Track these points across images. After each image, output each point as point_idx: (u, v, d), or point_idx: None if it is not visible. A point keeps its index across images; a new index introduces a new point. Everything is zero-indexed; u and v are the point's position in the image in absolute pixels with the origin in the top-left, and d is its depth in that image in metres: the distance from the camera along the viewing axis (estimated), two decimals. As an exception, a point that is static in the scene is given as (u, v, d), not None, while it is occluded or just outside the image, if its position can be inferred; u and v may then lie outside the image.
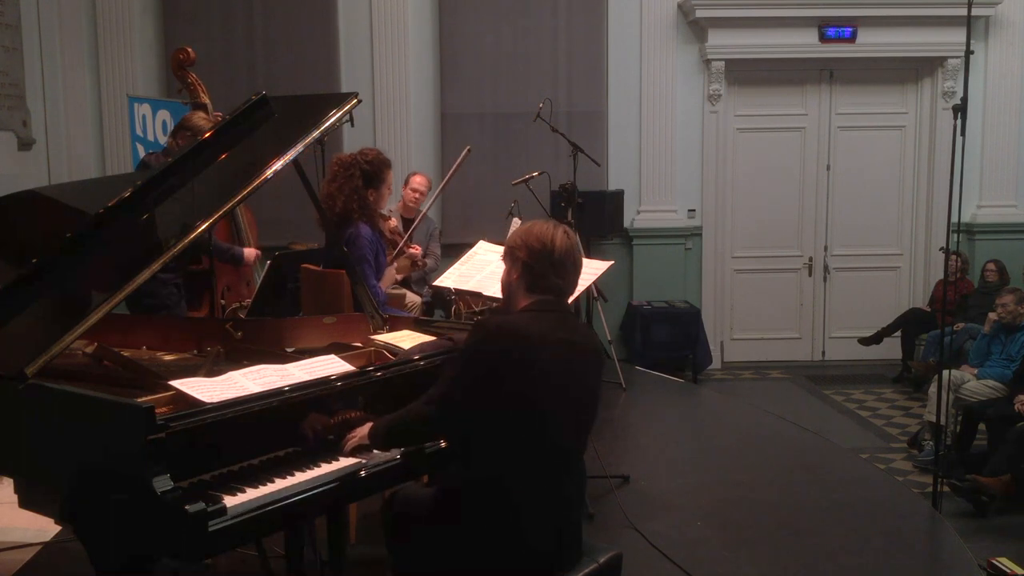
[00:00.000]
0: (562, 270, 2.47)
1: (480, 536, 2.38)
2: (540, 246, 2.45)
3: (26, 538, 3.67)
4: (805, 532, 3.99)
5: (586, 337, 2.55)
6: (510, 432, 2.35)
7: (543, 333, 2.38)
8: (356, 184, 4.15)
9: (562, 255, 2.46)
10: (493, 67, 7.71)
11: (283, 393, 2.46)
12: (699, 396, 6.84)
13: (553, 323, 2.43)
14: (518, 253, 2.48)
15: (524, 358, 2.33)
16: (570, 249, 2.48)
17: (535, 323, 2.40)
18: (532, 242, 2.46)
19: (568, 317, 2.54)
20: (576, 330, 2.52)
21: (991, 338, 6.15)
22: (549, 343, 2.37)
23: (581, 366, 2.46)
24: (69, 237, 2.73)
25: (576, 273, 2.53)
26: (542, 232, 2.47)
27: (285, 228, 6.89)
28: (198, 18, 7.47)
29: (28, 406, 2.37)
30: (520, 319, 2.44)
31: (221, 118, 4.57)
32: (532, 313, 2.45)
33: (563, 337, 2.42)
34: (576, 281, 2.54)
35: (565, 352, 2.41)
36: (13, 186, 3.54)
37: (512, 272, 2.52)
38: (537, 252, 2.45)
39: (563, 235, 2.48)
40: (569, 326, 2.49)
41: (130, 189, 2.78)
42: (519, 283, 2.49)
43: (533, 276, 2.46)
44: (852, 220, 8.37)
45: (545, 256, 2.45)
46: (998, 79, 8.04)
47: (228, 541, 2.25)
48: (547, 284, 2.46)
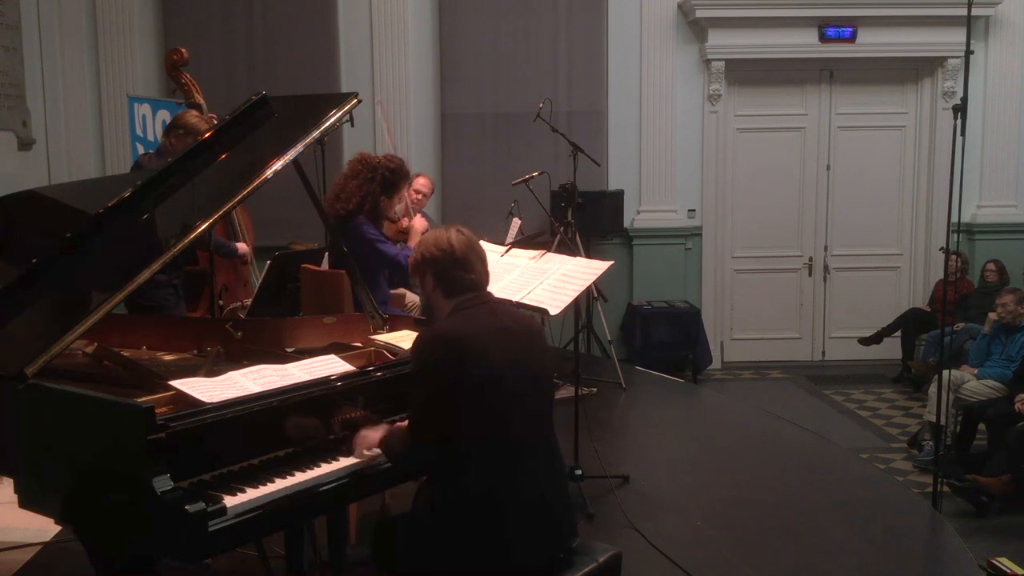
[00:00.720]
0: (469, 265, 2.51)
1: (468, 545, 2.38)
2: (440, 252, 2.50)
3: (26, 538, 3.67)
4: (805, 532, 3.99)
5: (519, 319, 2.59)
6: (473, 434, 2.37)
7: (476, 328, 2.42)
8: (375, 188, 4.25)
9: (463, 252, 2.51)
10: (493, 67, 7.71)
11: (283, 393, 2.46)
12: (699, 396, 6.83)
13: (483, 315, 2.47)
14: (424, 267, 2.53)
15: (467, 357, 2.35)
16: (469, 243, 2.53)
17: (466, 321, 2.44)
18: (432, 251, 2.51)
19: (496, 306, 2.56)
20: (508, 315, 2.56)
21: (991, 338, 6.14)
22: (486, 335, 2.40)
23: (524, 348, 2.48)
24: (69, 237, 2.73)
25: (483, 263, 2.56)
26: (437, 239, 2.53)
27: (285, 228, 6.89)
28: (198, 18, 7.47)
29: (28, 406, 2.37)
30: (452, 322, 2.47)
31: (215, 119, 4.58)
32: (460, 313, 2.48)
33: (497, 325, 2.46)
34: (485, 270, 2.58)
35: (505, 339, 2.44)
36: (13, 186, 3.54)
37: (426, 286, 2.56)
38: (440, 259, 2.50)
39: (456, 233, 2.54)
40: (499, 313, 2.53)
41: (130, 189, 2.79)
42: (437, 294, 2.54)
43: (446, 282, 2.51)
44: (852, 220, 8.37)
45: (448, 259, 2.50)
46: (998, 79, 8.04)
47: (228, 541, 2.25)
48: (462, 283, 2.51)
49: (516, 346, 2.46)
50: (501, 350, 2.40)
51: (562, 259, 4.05)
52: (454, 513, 2.39)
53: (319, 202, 3.45)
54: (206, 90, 6.08)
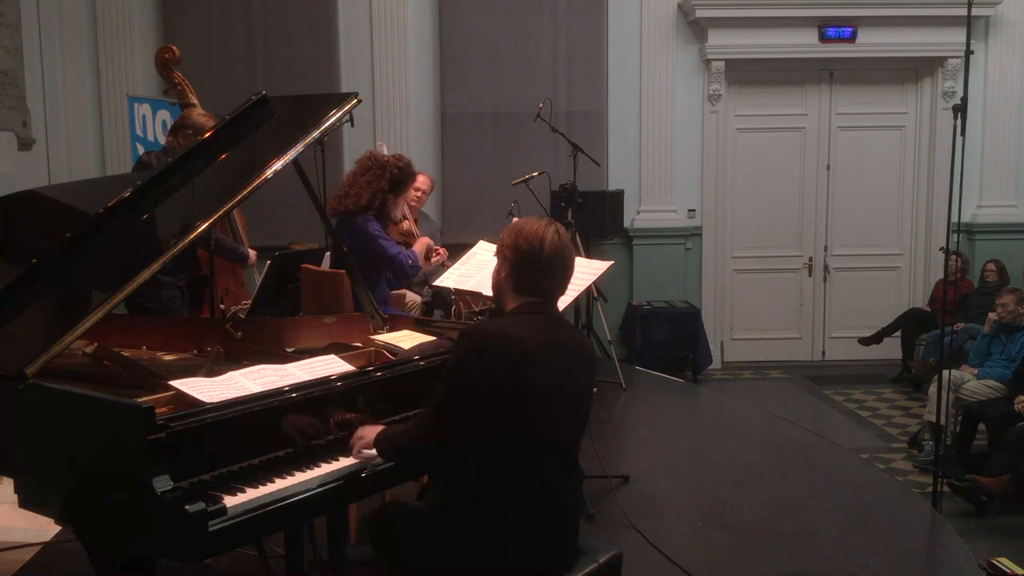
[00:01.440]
0: (551, 272, 2.41)
1: (478, 545, 2.36)
2: (528, 247, 2.39)
3: (26, 538, 3.67)
4: (805, 532, 3.99)
5: (576, 339, 2.52)
6: (505, 439, 2.33)
7: (531, 337, 2.33)
8: (383, 185, 4.28)
9: (551, 256, 2.39)
10: (493, 67, 7.71)
11: (283, 393, 2.46)
12: (699, 396, 6.83)
13: (541, 326, 2.39)
14: (507, 253, 2.44)
15: (513, 363, 2.30)
16: (560, 250, 2.41)
17: (523, 327, 2.36)
18: (521, 242, 2.40)
19: (557, 319, 2.49)
20: (566, 332, 2.48)
21: (991, 338, 6.15)
22: (538, 347, 2.33)
23: (572, 368, 2.42)
24: (69, 237, 2.73)
25: (566, 275, 2.46)
26: (532, 232, 2.40)
27: (285, 228, 6.89)
28: (198, 18, 7.47)
29: (28, 406, 2.37)
30: (506, 323, 2.39)
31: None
32: (520, 316, 2.41)
33: (552, 339, 2.38)
34: (566, 284, 2.48)
35: (555, 355, 2.36)
36: (13, 186, 3.54)
37: (502, 271, 2.47)
38: (525, 253, 2.39)
39: (554, 234, 2.41)
40: (558, 328, 2.45)
41: (130, 189, 2.78)
42: (507, 283, 2.45)
43: (521, 277, 2.41)
44: (852, 220, 8.37)
45: (533, 257, 2.39)
46: (998, 79, 8.04)
47: (228, 541, 2.25)
48: (535, 286, 2.42)
49: (566, 364, 2.39)
50: (548, 365, 2.33)
51: (562, 259, 4.04)
52: (468, 515, 2.37)
53: (319, 202, 3.45)
54: (206, 90, 6.07)
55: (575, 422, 2.48)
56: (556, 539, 2.44)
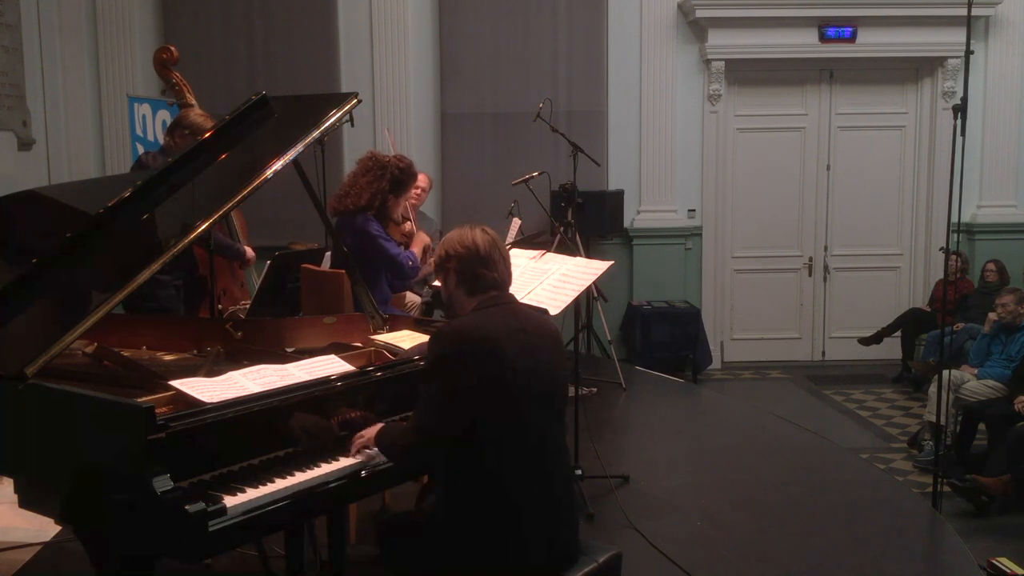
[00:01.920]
0: (492, 264, 2.54)
1: (480, 539, 2.38)
2: (465, 250, 2.53)
3: (26, 538, 3.67)
4: (805, 532, 3.99)
5: (539, 323, 2.59)
6: (490, 430, 2.37)
7: (498, 326, 2.43)
8: (384, 186, 4.28)
9: (487, 250, 2.53)
10: (493, 67, 7.71)
11: (283, 393, 2.46)
12: (699, 396, 6.83)
13: (505, 315, 2.48)
14: (448, 264, 2.55)
15: (487, 354, 2.36)
16: (492, 243, 2.56)
17: (488, 319, 2.45)
18: (457, 249, 2.54)
19: (515, 307, 2.58)
20: (528, 318, 2.57)
21: (991, 338, 6.15)
22: (506, 334, 2.41)
23: (542, 351, 2.49)
24: (69, 237, 2.73)
25: (505, 263, 2.59)
26: (461, 236, 2.56)
27: (285, 228, 6.89)
28: (198, 18, 7.47)
29: (28, 406, 2.37)
30: (474, 319, 2.47)
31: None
32: (482, 311, 2.49)
33: (518, 326, 2.47)
34: (508, 271, 2.60)
35: (524, 340, 2.44)
36: (13, 186, 3.54)
37: (449, 283, 2.58)
38: (464, 256, 2.52)
39: (481, 233, 2.56)
40: (520, 314, 2.55)
41: (130, 189, 2.78)
42: (459, 291, 2.56)
43: (469, 279, 2.53)
44: (852, 220, 8.37)
45: (472, 257, 2.52)
46: (998, 79, 8.04)
47: (228, 541, 2.25)
48: (484, 282, 2.53)
49: (535, 348, 2.46)
50: (520, 351, 2.41)
51: (562, 259, 4.05)
52: (468, 513, 2.39)
53: (319, 202, 3.46)
54: (206, 89, 6.08)
55: (552, 407, 2.54)
56: (556, 534, 2.45)
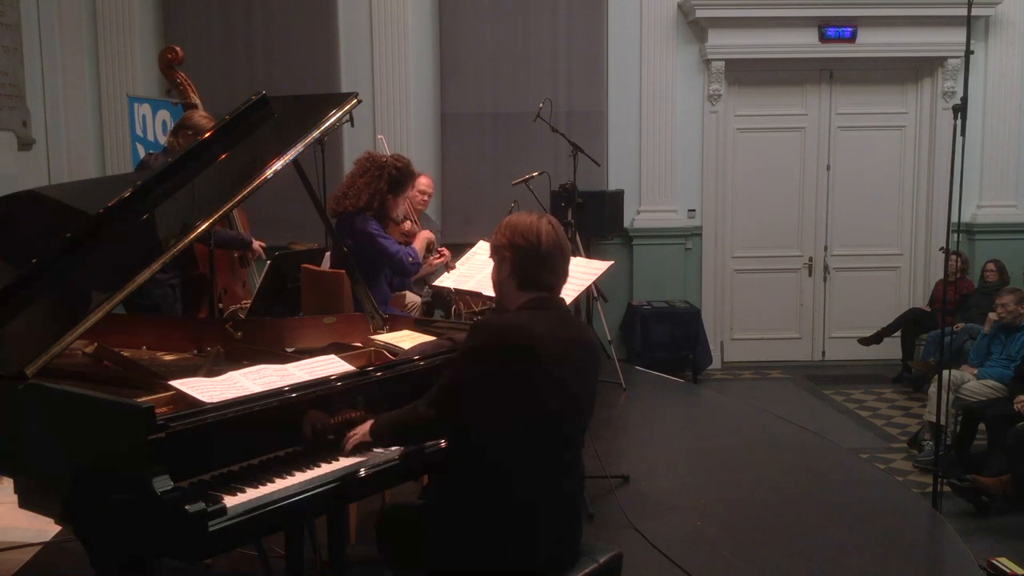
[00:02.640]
0: (551, 264, 2.44)
1: (482, 538, 2.37)
2: (526, 242, 2.41)
3: (26, 538, 3.67)
4: (805, 532, 3.99)
5: (585, 335, 2.54)
6: (511, 431, 2.35)
7: (543, 331, 2.36)
8: (382, 186, 4.28)
9: (549, 248, 2.42)
10: (493, 67, 7.71)
11: (283, 393, 2.46)
12: (699, 396, 6.83)
13: (552, 321, 2.41)
14: (505, 251, 2.45)
15: (527, 357, 2.32)
16: (557, 241, 2.44)
17: (534, 322, 2.38)
18: (518, 239, 2.42)
19: (565, 314, 2.52)
20: (573, 326, 2.51)
21: (991, 338, 6.14)
22: (550, 341, 2.36)
23: (581, 364, 2.45)
24: (69, 237, 2.73)
25: (565, 263, 2.49)
26: (527, 227, 2.43)
27: (285, 228, 6.88)
28: (198, 18, 7.47)
29: (28, 406, 2.37)
30: (519, 318, 2.41)
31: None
32: (529, 311, 2.42)
33: (563, 335, 2.40)
34: (566, 271, 2.51)
35: (565, 350, 2.39)
36: (13, 186, 3.54)
37: (502, 270, 2.48)
38: (524, 248, 2.42)
39: (548, 226, 2.44)
40: (567, 323, 2.48)
41: (130, 189, 2.79)
42: (510, 281, 2.46)
43: (524, 273, 2.43)
44: (852, 220, 8.37)
45: (532, 252, 2.41)
46: (998, 79, 8.04)
47: (228, 541, 2.25)
48: (538, 280, 2.44)
49: (573, 358, 2.41)
50: (557, 359, 2.36)
51: (562, 259, 4.04)
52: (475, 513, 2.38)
53: (319, 202, 3.46)
54: (206, 90, 6.07)
55: (579, 415, 2.50)
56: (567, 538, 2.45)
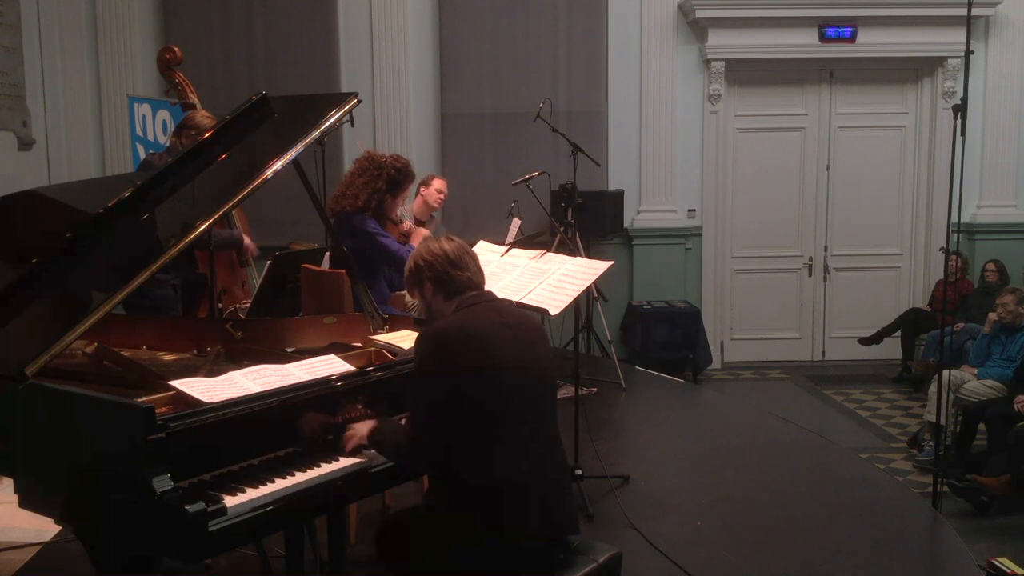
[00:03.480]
0: (463, 264, 2.57)
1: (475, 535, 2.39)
2: (433, 257, 2.57)
3: (26, 538, 3.67)
4: (805, 532, 3.99)
5: (522, 316, 2.62)
6: (483, 427, 2.39)
7: (481, 322, 2.46)
8: (380, 186, 4.28)
9: (456, 253, 2.58)
10: (493, 67, 7.72)
11: (283, 393, 2.46)
12: (699, 396, 6.83)
13: (487, 311, 2.51)
14: (422, 275, 2.58)
15: (473, 351, 2.39)
16: (459, 247, 2.61)
17: (470, 316, 2.48)
18: (426, 258, 2.57)
19: (498, 303, 2.61)
20: (510, 312, 2.60)
21: (991, 338, 6.14)
22: (490, 329, 2.45)
23: (528, 343, 2.51)
24: (69, 237, 2.73)
25: (476, 262, 2.62)
26: (428, 248, 2.61)
27: (285, 228, 6.89)
28: (198, 18, 7.48)
29: (28, 406, 2.37)
30: (456, 318, 2.50)
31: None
32: (464, 310, 2.52)
33: (501, 320, 2.50)
34: (480, 269, 2.63)
35: (508, 334, 2.47)
36: (13, 186, 3.54)
37: (426, 294, 2.60)
38: (434, 264, 2.56)
39: (445, 239, 2.62)
40: (502, 310, 2.58)
41: (130, 189, 2.78)
42: (437, 298, 2.58)
43: (444, 284, 2.56)
44: (852, 220, 8.37)
45: (442, 262, 2.55)
46: (998, 79, 8.04)
47: (228, 541, 2.25)
48: (460, 283, 2.56)
49: (520, 341, 2.49)
50: (506, 344, 2.44)
51: (562, 259, 4.05)
52: (461, 509, 2.41)
53: (319, 202, 3.46)
54: (206, 89, 6.08)
55: (542, 399, 2.55)
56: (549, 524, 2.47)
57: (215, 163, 2.97)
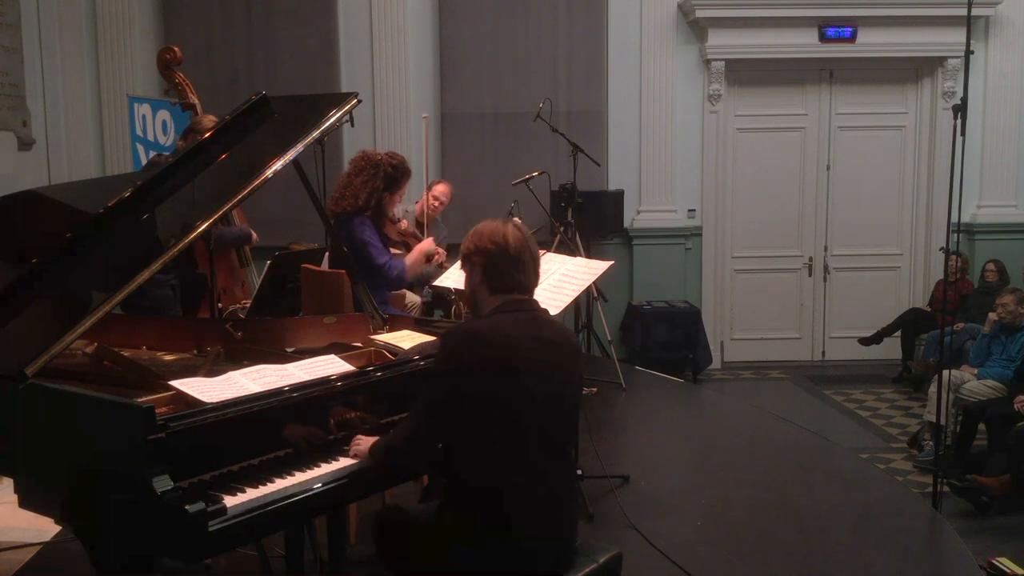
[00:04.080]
0: (521, 265, 2.45)
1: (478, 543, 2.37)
2: (494, 246, 2.44)
3: (26, 538, 3.67)
4: (805, 532, 3.99)
5: (559, 333, 2.53)
6: (494, 436, 2.35)
7: (515, 333, 2.37)
8: (379, 184, 4.27)
9: (518, 250, 2.44)
10: (493, 67, 7.72)
11: (283, 393, 2.46)
12: (699, 396, 6.83)
13: (525, 322, 2.42)
14: (474, 258, 2.47)
15: (500, 359, 2.32)
16: (524, 242, 2.46)
17: (506, 324, 2.39)
18: (485, 244, 2.44)
19: (538, 315, 2.51)
20: (548, 327, 2.50)
21: (991, 338, 6.14)
22: (522, 342, 2.36)
23: (556, 363, 2.44)
24: (69, 237, 2.73)
25: (535, 265, 2.51)
26: (493, 231, 2.46)
27: (285, 228, 6.89)
28: (198, 18, 7.48)
29: (28, 406, 2.37)
30: (490, 322, 2.42)
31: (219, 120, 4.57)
32: (502, 315, 2.43)
33: (535, 334, 2.41)
34: (537, 272, 2.52)
35: (539, 350, 2.39)
36: (13, 186, 3.54)
37: (473, 278, 2.50)
38: (492, 252, 2.44)
39: (514, 230, 2.47)
40: (540, 324, 2.48)
41: (130, 189, 2.79)
42: (482, 287, 2.48)
43: (495, 277, 2.45)
44: (852, 220, 8.37)
45: (501, 254, 2.43)
46: (998, 79, 8.04)
47: (228, 541, 2.25)
48: (510, 282, 2.45)
49: (549, 358, 2.41)
50: (532, 360, 2.36)
51: (562, 259, 4.05)
52: (467, 513, 2.38)
53: (319, 202, 3.46)
54: (206, 90, 6.08)
55: (563, 416, 2.49)
56: (555, 541, 2.45)
57: (215, 163, 2.97)
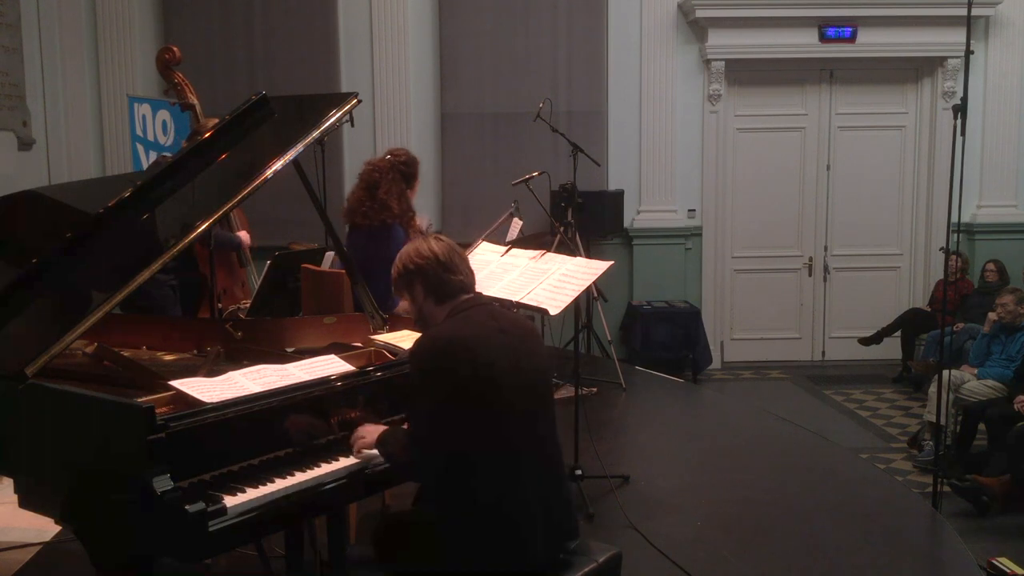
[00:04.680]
0: (454, 267, 2.51)
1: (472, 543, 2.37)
2: (423, 260, 2.49)
3: (26, 538, 3.67)
4: (805, 532, 3.99)
5: (515, 321, 2.57)
6: (482, 432, 2.36)
7: (475, 329, 2.41)
8: (401, 185, 4.26)
9: (446, 255, 2.51)
10: (493, 67, 7.72)
11: (283, 393, 2.46)
12: (699, 396, 6.83)
13: (481, 316, 2.47)
14: (411, 278, 2.51)
15: (468, 360, 2.34)
16: (448, 247, 2.54)
17: (464, 324, 2.43)
18: (415, 260, 2.50)
19: (490, 308, 2.56)
20: (504, 316, 2.55)
21: (991, 338, 6.14)
22: (485, 336, 2.40)
23: (523, 349, 2.47)
24: (69, 237, 2.73)
25: (466, 264, 2.56)
26: (416, 249, 2.53)
27: (285, 228, 6.89)
28: (198, 18, 7.48)
29: (28, 406, 2.37)
30: (450, 325, 2.45)
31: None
32: (457, 316, 2.47)
33: (495, 326, 2.45)
34: (471, 271, 2.57)
35: (503, 340, 2.43)
36: (13, 186, 3.54)
37: (416, 297, 2.53)
38: (424, 266, 2.49)
39: (434, 240, 2.55)
40: (496, 315, 2.52)
41: (130, 189, 2.79)
42: (427, 302, 2.52)
43: (436, 287, 2.50)
44: (852, 220, 8.37)
45: (433, 265, 2.49)
46: (998, 79, 8.04)
47: (228, 541, 2.25)
48: (452, 287, 2.50)
49: (514, 348, 2.45)
50: (501, 351, 2.40)
51: (562, 259, 4.05)
52: (459, 516, 2.39)
53: (319, 202, 3.45)
54: (206, 90, 6.07)
55: (538, 406, 2.51)
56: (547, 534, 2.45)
57: (215, 163, 2.97)
